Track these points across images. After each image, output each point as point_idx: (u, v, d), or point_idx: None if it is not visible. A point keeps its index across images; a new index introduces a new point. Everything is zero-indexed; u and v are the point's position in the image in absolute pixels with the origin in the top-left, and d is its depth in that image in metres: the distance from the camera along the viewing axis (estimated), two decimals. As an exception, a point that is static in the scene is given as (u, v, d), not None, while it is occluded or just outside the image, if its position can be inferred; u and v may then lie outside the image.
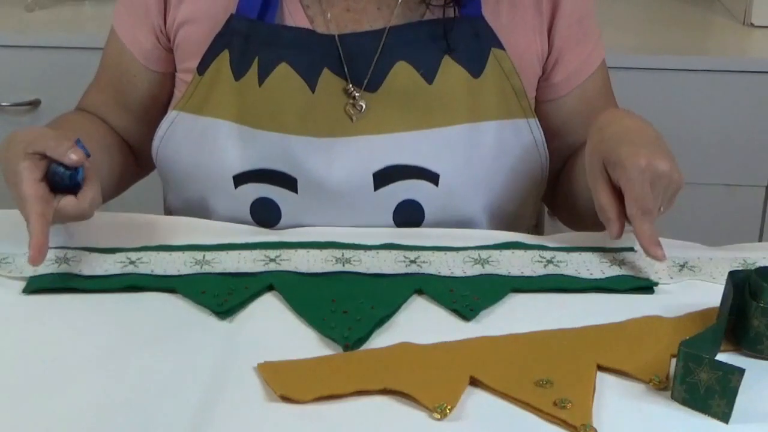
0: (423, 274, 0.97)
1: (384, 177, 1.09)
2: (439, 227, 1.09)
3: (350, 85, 1.08)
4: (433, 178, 1.09)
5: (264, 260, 0.98)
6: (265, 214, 1.10)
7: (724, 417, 0.77)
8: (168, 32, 1.14)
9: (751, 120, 1.85)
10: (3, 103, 1.88)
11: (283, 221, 1.10)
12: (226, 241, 1.01)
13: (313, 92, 1.08)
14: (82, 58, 1.31)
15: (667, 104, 1.85)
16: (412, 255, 0.99)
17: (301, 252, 0.99)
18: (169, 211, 1.22)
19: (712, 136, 1.86)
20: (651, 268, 0.99)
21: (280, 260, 0.98)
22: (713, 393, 0.77)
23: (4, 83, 1.87)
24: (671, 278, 0.98)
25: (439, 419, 0.77)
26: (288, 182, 1.09)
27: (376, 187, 1.09)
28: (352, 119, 1.08)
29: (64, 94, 1.24)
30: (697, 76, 1.83)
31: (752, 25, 2.01)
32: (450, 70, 1.09)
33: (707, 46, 2.01)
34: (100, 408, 0.77)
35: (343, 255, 0.99)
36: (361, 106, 1.08)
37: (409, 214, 1.10)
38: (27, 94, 1.88)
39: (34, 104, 1.89)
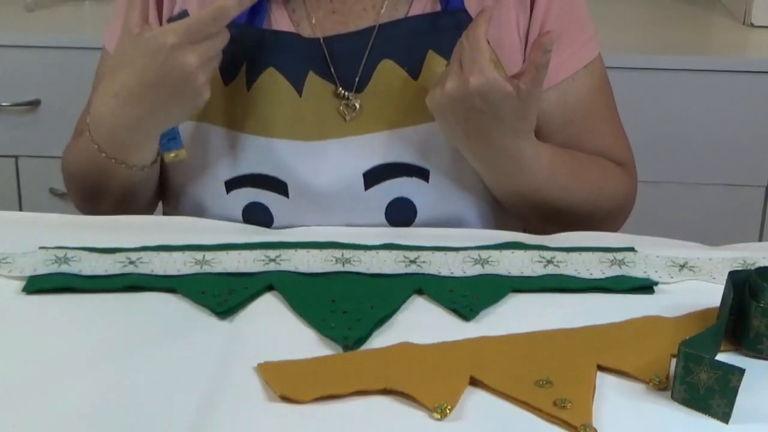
0: (423, 274, 0.97)
1: (374, 176, 1.09)
2: (432, 223, 1.10)
3: (339, 88, 1.08)
4: (423, 174, 1.09)
5: (264, 260, 0.98)
6: (256, 218, 1.10)
7: (724, 417, 0.77)
8: None
9: (751, 120, 1.85)
10: (3, 103, 1.88)
11: (275, 225, 1.10)
12: (226, 241, 1.02)
13: (300, 96, 1.08)
14: (82, 58, 1.31)
15: (667, 104, 1.85)
16: (412, 255, 0.99)
17: (301, 252, 0.99)
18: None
19: (712, 136, 1.86)
20: (651, 268, 0.99)
21: (280, 260, 0.98)
22: (713, 393, 0.77)
23: (4, 83, 1.87)
24: (671, 278, 0.98)
25: (439, 419, 0.77)
26: (278, 186, 1.09)
27: (366, 187, 1.09)
28: (345, 119, 1.08)
29: (64, 94, 1.25)
30: (697, 76, 1.83)
31: (752, 25, 2.01)
32: (435, 64, 1.09)
33: (707, 46, 2.01)
34: (99, 408, 0.77)
35: (343, 255, 0.99)
36: (355, 106, 1.08)
37: (401, 212, 1.10)
38: (27, 94, 1.88)
39: (34, 104, 1.89)
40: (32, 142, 1.91)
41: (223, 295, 0.92)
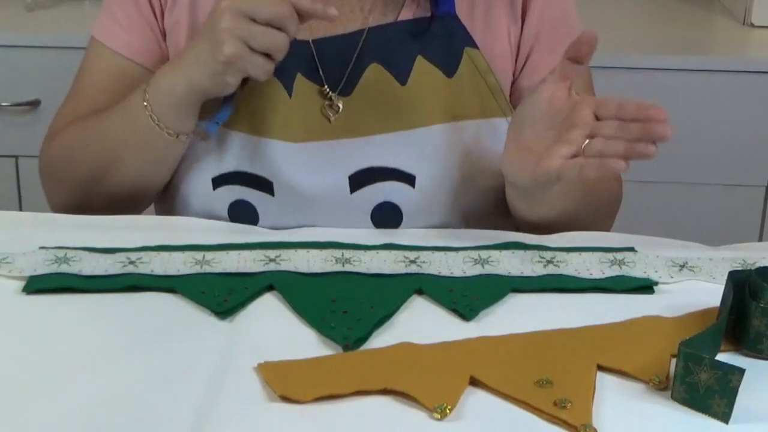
0: (423, 274, 0.97)
1: (360, 180, 1.09)
2: (417, 229, 1.09)
3: (326, 87, 1.08)
4: (409, 179, 1.09)
5: (264, 260, 0.98)
6: (242, 216, 1.10)
7: (724, 417, 0.77)
8: (164, 34, 1.15)
9: (751, 120, 1.85)
10: (3, 103, 1.88)
11: (260, 224, 1.10)
12: (226, 241, 1.02)
13: (290, 97, 1.08)
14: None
15: (667, 104, 1.83)
16: (412, 255, 0.99)
17: (301, 252, 0.99)
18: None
19: (712, 136, 1.86)
20: (651, 268, 0.99)
21: (280, 260, 0.98)
22: (713, 393, 0.77)
23: (4, 83, 1.87)
24: (671, 278, 0.98)
25: (439, 419, 0.77)
26: (265, 185, 1.09)
27: (352, 190, 1.09)
28: (330, 120, 1.08)
29: (64, 94, 1.24)
30: (697, 76, 1.83)
31: (752, 25, 2.01)
32: (423, 70, 1.09)
33: (707, 46, 2.01)
34: (99, 408, 0.77)
35: (343, 255, 0.99)
36: (338, 107, 1.08)
37: (387, 216, 1.10)
38: (27, 94, 1.88)
39: (34, 104, 1.89)
40: (32, 142, 1.90)
41: (223, 295, 0.92)
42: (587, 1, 1.18)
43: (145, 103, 1.05)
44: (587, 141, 0.94)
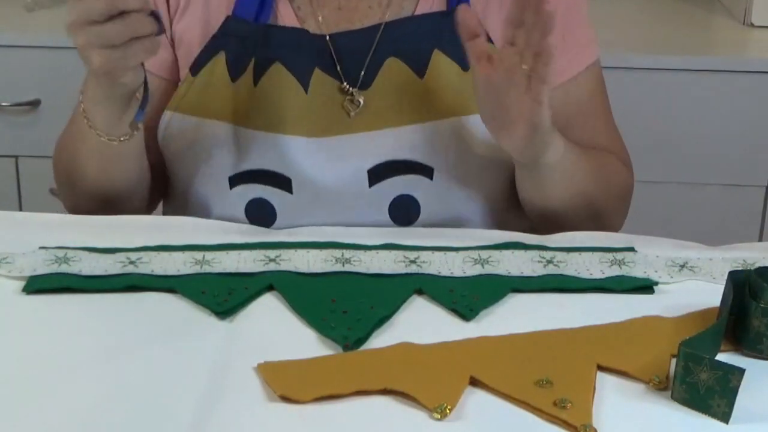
0: (423, 274, 0.97)
1: (378, 173, 1.09)
2: (435, 221, 1.10)
3: (345, 83, 1.09)
4: (427, 172, 1.09)
5: (264, 260, 0.98)
6: (260, 214, 1.10)
7: (724, 417, 0.77)
8: (174, 39, 1.14)
9: (751, 120, 1.85)
10: (3, 103, 1.88)
11: (278, 222, 1.10)
12: (226, 241, 1.02)
13: (307, 92, 1.08)
14: (82, 58, 1.31)
15: (668, 104, 1.85)
16: (412, 255, 0.99)
17: (301, 252, 0.99)
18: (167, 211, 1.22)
19: (712, 136, 1.86)
20: (651, 268, 0.99)
21: (280, 260, 0.98)
22: (713, 393, 0.77)
23: (4, 83, 1.87)
24: (671, 278, 0.98)
25: (439, 419, 0.77)
26: (283, 182, 1.09)
27: (370, 184, 1.09)
28: (350, 115, 1.08)
29: (64, 94, 1.24)
30: (697, 76, 1.83)
31: (752, 25, 2.01)
32: (440, 63, 1.09)
33: (707, 46, 2.01)
34: (99, 408, 0.77)
35: (343, 255, 0.99)
36: (359, 102, 1.08)
37: (404, 210, 1.10)
38: (27, 94, 1.88)
39: (34, 104, 1.89)
40: (32, 142, 1.91)
41: (223, 295, 0.92)
42: (589, 1, 1.18)
43: (84, 114, 1.06)
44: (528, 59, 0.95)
